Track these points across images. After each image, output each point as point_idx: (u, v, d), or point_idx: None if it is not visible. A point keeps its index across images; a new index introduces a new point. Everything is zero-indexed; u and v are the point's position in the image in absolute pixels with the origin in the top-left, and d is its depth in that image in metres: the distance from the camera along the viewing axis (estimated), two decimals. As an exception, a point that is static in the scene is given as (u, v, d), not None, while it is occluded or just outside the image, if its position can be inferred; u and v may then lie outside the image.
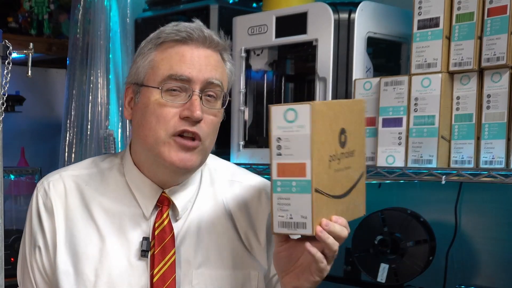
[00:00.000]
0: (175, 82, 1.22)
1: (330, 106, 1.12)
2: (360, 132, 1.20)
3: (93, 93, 2.63)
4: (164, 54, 1.24)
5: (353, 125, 1.17)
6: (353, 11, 1.76)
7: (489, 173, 1.50)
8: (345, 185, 1.15)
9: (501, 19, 1.50)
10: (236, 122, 2.01)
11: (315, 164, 1.05)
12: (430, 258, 1.80)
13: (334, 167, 1.10)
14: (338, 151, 1.11)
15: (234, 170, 1.43)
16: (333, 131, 1.10)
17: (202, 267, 1.29)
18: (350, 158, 1.16)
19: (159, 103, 1.22)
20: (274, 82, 2.01)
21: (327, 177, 1.09)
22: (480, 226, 1.96)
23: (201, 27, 1.25)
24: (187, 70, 1.22)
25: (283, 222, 1.09)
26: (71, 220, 1.29)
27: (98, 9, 2.60)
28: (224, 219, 1.33)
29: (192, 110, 1.20)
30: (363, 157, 1.22)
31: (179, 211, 1.30)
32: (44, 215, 1.30)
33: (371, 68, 1.83)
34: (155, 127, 1.22)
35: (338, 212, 1.13)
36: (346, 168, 1.15)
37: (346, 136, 1.14)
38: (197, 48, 1.24)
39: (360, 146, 1.20)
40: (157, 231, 1.27)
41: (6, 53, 1.19)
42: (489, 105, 1.53)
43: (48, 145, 3.23)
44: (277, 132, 1.07)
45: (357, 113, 1.20)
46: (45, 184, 1.33)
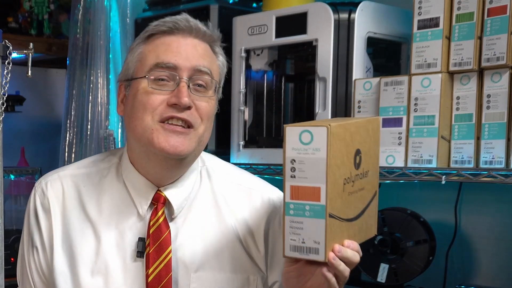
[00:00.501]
0: (162, 70, 1.20)
1: (346, 127, 1.06)
2: (374, 151, 1.17)
3: (93, 93, 2.63)
4: (151, 45, 1.24)
5: (367, 144, 1.13)
6: (353, 11, 1.76)
7: (489, 173, 1.50)
8: (358, 207, 1.12)
9: (501, 19, 1.50)
10: (236, 122, 2.01)
11: (330, 189, 1.02)
12: (430, 258, 1.80)
13: (348, 190, 1.07)
14: (353, 173, 1.08)
15: (233, 171, 1.41)
16: (349, 153, 1.07)
17: (200, 270, 1.27)
18: (364, 179, 1.13)
19: (146, 91, 1.20)
20: (274, 82, 2.01)
21: (341, 201, 1.06)
22: (480, 226, 1.96)
23: (187, 18, 1.25)
24: (173, 58, 1.20)
25: (295, 246, 1.06)
26: (68, 221, 1.28)
27: (98, 9, 2.60)
28: (224, 220, 1.31)
29: (179, 96, 1.18)
30: (376, 176, 1.18)
31: (175, 209, 1.27)
32: (41, 215, 1.29)
33: (371, 68, 1.83)
34: (142, 115, 1.20)
35: (350, 235, 1.10)
36: (359, 189, 1.12)
37: (361, 157, 1.10)
38: (184, 37, 1.23)
39: (374, 165, 1.17)
40: (152, 229, 1.25)
41: (6, 53, 1.19)
42: (489, 105, 1.53)
43: (48, 145, 3.23)
44: (291, 153, 1.04)
45: (372, 132, 1.16)
46: (42, 184, 1.32)
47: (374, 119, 1.19)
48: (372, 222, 1.19)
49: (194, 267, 1.26)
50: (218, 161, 1.41)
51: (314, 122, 1.09)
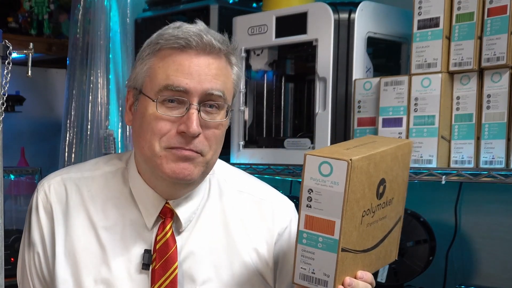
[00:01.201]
0: (171, 93, 1.14)
1: (371, 158, 1.02)
2: (403, 177, 1.13)
3: (93, 93, 2.63)
4: (161, 62, 1.16)
5: (395, 172, 1.09)
6: (353, 11, 1.76)
7: (489, 173, 1.50)
8: (377, 236, 1.10)
9: (501, 19, 1.50)
10: (236, 122, 2.01)
11: (345, 223, 0.99)
12: (430, 258, 1.80)
13: (366, 221, 1.05)
14: (374, 203, 1.05)
15: (244, 180, 1.35)
16: (371, 184, 1.03)
17: (206, 284, 1.23)
18: (387, 207, 1.10)
19: (155, 116, 1.14)
20: (274, 82, 2.01)
21: (357, 234, 1.04)
22: (480, 226, 1.96)
23: (201, 33, 1.15)
24: (184, 81, 1.13)
25: (305, 275, 1.05)
26: (71, 227, 1.24)
27: (98, 9, 2.60)
28: (231, 233, 1.27)
29: (188, 125, 1.12)
30: (402, 202, 1.15)
31: (183, 223, 1.23)
32: (43, 220, 1.25)
33: (371, 68, 1.83)
34: (150, 140, 1.15)
35: (365, 265, 1.08)
36: (380, 219, 1.09)
37: (386, 186, 1.07)
38: (196, 56, 1.15)
39: (401, 191, 1.13)
40: (159, 244, 1.21)
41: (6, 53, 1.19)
42: (489, 105, 1.53)
43: (48, 145, 3.23)
44: (309, 183, 1.01)
45: (402, 157, 1.11)
46: (45, 186, 1.27)
47: (405, 144, 1.13)
48: (392, 248, 1.16)
49: (200, 280, 1.23)
50: (229, 169, 1.36)
51: (336, 150, 1.02)
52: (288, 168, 1.87)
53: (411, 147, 1.15)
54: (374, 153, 1.02)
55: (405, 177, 1.13)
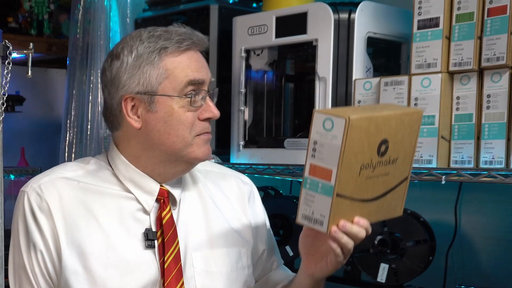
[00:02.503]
0: (194, 86, 1.30)
1: (371, 119, 1.15)
2: (409, 141, 1.24)
3: (93, 93, 2.63)
4: (175, 62, 1.30)
5: (400, 135, 1.21)
6: (353, 11, 1.76)
7: (489, 173, 1.50)
8: (378, 190, 1.23)
9: (501, 19, 1.50)
10: (236, 122, 2.01)
11: (340, 172, 1.13)
12: (430, 258, 1.80)
13: (365, 174, 1.17)
14: (374, 160, 1.18)
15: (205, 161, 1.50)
16: (372, 142, 1.16)
17: (200, 250, 1.36)
18: (390, 165, 1.21)
19: (183, 110, 1.29)
20: (274, 82, 2.01)
21: (354, 184, 1.17)
22: (480, 226, 1.96)
23: (194, 31, 1.33)
24: (201, 74, 1.31)
25: (306, 215, 1.19)
26: (70, 220, 1.29)
27: (98, 9, 2.60)
28: (210, 205, 1.42)
29: (213, 111, 1.32)
30: (408, 164, 1.26)
31: (177, 201, 1.37)
32: (41, 218, 1.28)
33: (371, 68, 1.83)
34: (183, 132, 1.30)
35: (364, 213, 1.22)
36: (382, 174, 1.21)
37: (388, 146, 1.18)
38: (196, 52, 1.33)
39: (407, 154, 1.25)
40: (164, 220, 1.32)
41: (6, 53, 1.19)
42: (489, 105, 1.53)
43: (48, 145, 3.23)
44: (315, 136, 1.14)
45: (409, 123, 1.22)
46: (35, 187, 1.31)
47: (413, 111, 1.25)
48: (397, 203, 1.29)
49: (193, 247, 1.36)
50: None
51: (342, 109, 1.16)
52: (288, 168, 1.87)
53: (420, 115, 1.25)
54: (377, 115, 1.16)
55: (413, 141, 1.25)
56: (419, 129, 1.26)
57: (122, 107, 1.31)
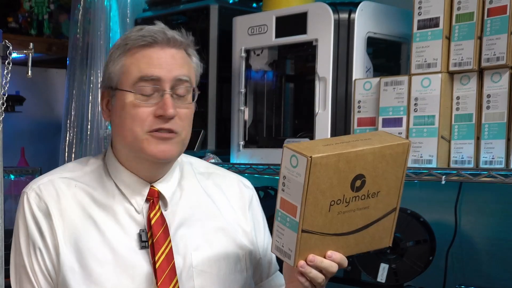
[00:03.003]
0: (146, 83, 1.29)
1: (342, 156, 1.14)
2: (394, 173, 1.21)
3: (93, 93, 2.63)
4: (133, 58, 1.31)
5: (380, 168, 1.19)
6: (353, 11, 1.76)
7: (489, 173, 1.50)
8: (357, 223, 1.22)
9: (501, 19, 1.50)
10: (236, 122, 2.01)
11: (305, 210, 1.14)
12: (430, 258, 1.80)
13: (337, 210, 1.18)
14: (348, 195, 1.17)
15: (208, 164, 1.57)
16: (343, 178, 1.15)
17: (199, 249, 1.37)
18: (369, 199, 1.20)
19: (133, 105, 1.29)
20: (274, 82, 2.01)
21: (324, 219, 1.17)
22: (480, 226, 1.96)
23: (164, 29, 1.32)
24: (155, 71, 1.29)
25: (277, 247, 1.22)
26: (68, 219, 1.32)
27: (98, 9, 2.60)
28: (210, 206, 1.43)
29: (165, 109, 1.28)
30: (394, 195, 1.24)
31: (168, 201, 1.37)
32: (40, 218, 1.32)
33: (371, 68, 1.83)
34: (132, 126, 1.29)
35: (340, 246, 1.22)
36: (360, 208, 1.20)
37: (365, 180, 1.18)
38: (162, 49, 1.31)
39: (391, 186, 1.22)
40: (153, 221, 1.34)
41: (6, 53, 1.19)
42: (489, 105, 1.53)
43: (48, 145, 3.23)
44: (284, 171, 1.17)
45: (392, 156, 1.19)
46: (35, 188, 1.35)
47: (397, 144, 1.20)
48: (384, 235, 1.27)
49: (193, 247, 1.36)
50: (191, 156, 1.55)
51: (313, 145, 1.16)
52: (288, 168, 1.87)
53: (407, 146, 1.21)
54: (347, 152, 1.14)
55: (399, 173, 1.22)
56: (407, 160, 1.22)
57: (101, 99, 1.39)
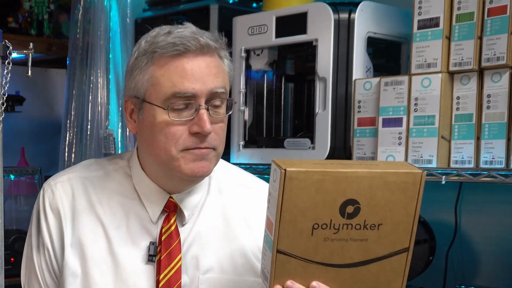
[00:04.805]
0: (180, 99, 1.19)
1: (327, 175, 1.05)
2: (403, 207, 1.10)
3: (93, 93, 2.63)
4: (163, 69, 1.19)
5: (381, 197, 1.08)
6: (353, 11, 1.76)
7: (489, 173, 1.50)
8: (352, 256, 1.11)
9: (501, 19, 1.50)
10: (236, 122, 2.01)
11: (280, 227, 1.06)
12: (430, 258, 1.80)
13: (324, 235, 1.08)
14: (336, 221, 1.08)
15: (241, 175, 1.42)
16: (330, 200, 1.07)
17: (209, 272, 1.28)
18: (368, 231, 1.09)
19: (166, 123, 1.19)
20: (274, 82, 2.01)
21: (306, 243, 1.08)
22: (480, 226, 1.96)
23: (196, 36, 1.20)
24: (190, 86, 1.18)
25: (262, 270, 1.15)
26: (78, 221, 1.28)
27: (98, 9, 2.60)
28: (232, 226, 1.32)
29: (202, 126, 1.18)
30: (406, 233, 1.11)
31: (186, 216, 1.29)
32: (50, 215, 1.29)
33: (371, 68, 1.83)
34: (165, 145, 1.20)
35: (331, 279, 1.12)
36: (355, 239, 1.10)
37: (360, 207, 1.08)
38: (195, 58, 1.19)
39: (400, 221, 1.10)
40: (164, 236, 1.26)
41: (6, 53, 1.19)
42: (489, 105, 1.53)
43: (48, 145, 3.22)
44: (269, 186, 1.10)
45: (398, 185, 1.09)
46: (52, 184, 1.32)
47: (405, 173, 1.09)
48: (391, 277, 1.14)
49: (203, 269, 1.28)
50: (225, 164, 1.42)
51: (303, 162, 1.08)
52: (288, 168, 1.87)
53: (419, 178, 1.10)
54: (335, 171, 1.06)
55: (409, 208, 1.10)
56: (420, 193, 1.10)
57: (125, 108, 1.29)
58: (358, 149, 1.76)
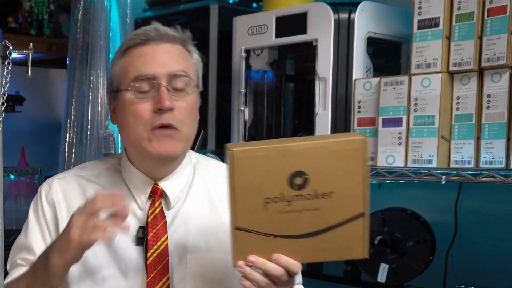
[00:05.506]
0: (142, 82, 1.30)
1: (271, 150, 1.11)
2: (352, 173, 1.12)
3: (93, 93, 2.63)
4: (129, 58, 1.33)
5: (327, 166, 1.11)
6: (353, 11, 1.76)
7: (489, 173, 1.50)
8: (308, 226, 1.14)
9: (501, 19, 1.50)
10: (236, 122, 2.01)
11: (236, 205, 1.13)
12: (430, 258, 1.80)
13: (276, 208, 1.13)
14: (288, 193, 1.12)
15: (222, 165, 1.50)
16: (278, 175, 1.11)
17: (197, 251, 1.37)
18: (319, 200, 1.12)
19: (131, 102, 1.30)
20: (274, 82, 2.01)
21: (261, 218, 1.13)
22: (480, 226, 1.96)
23: (156, 26, 1.33)
24: (150, 68, 1.30)
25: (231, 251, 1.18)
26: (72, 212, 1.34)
27: (98, 9, 2.61)
28: (215, 208, 1.42)
29: (161, 101, 1.27)
30: (358, 199, 1.13)
31: (171, 200, 1.38)
32: (46, 207, 1.39)
33: (371, 68, 1.83)
34: (134, 126, 1.30)
35: (292, 251, 1.15)
36: (309, 209, 1.13)
37: (308, 178, 1.11)
38: (156, 45, 1.32)
39: (350, 188, 1.13)
40: (150, 218, 1.36)
41: (6, 53, 1.19)
42: (489, 105, 1.53)
43: (48, 145, 3.23)
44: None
45: (344, 154, 1.11)
46: (49, 181, 1.44)
47: (348, 141, 1.12)
48: (351, 243, 1.16)
49: (191, 249, 1.37)
50: (208, 158, 1.55)
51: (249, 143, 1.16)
52: (288, 168, 1.87)
53: (362, 143, 1.11)
54: (279, 146, 1.12)
55: (357, 174, 1.12)
56: (365, 159, 1.12)
57: (109, 106, 1.41)
58: (358, 149, 1.76)
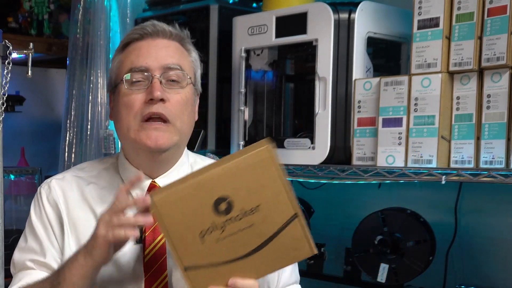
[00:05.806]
0: (135, 74, 1.32)
1: (188, 188, 1.11)
2: (269, 181, 1.13)
3: (93, 93, 2.63)
4: (125, 53, 1.36)
5: (245, 183, 1.12)
6: (353, 11, 1.76)
7: (489, 173, 1.50)
8: (249, 243, 1.15)
9: (501, 19, 1.50)
10: (236, 122, 2.01)
11: (175, 248, 1.14)
12: (430, 258, 1.80)
13: (213, 238, 1.13)
14: (218, 221, 1.13)
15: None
16: (202, 207, 1.12)
17: None
18: (250, 216, 1.13)
19: (124, 93, 1.33)
20: (274, 82, 2.01)
21: (203, 251, 1.14)
22: (480, 226, 1.96)
23: (153, 22, 1.36)
24: (143, 61, 1.32)
25: None
26: (73, 211, 1.39)
27: (98, 9, 2.60)
28: None
29: (152, 91, 1.29)
30: (284, 203, 1.14)
31: None
32: (48, 209, 1.40)
33: (371, 68, 1.83)
34: (126, 116, 1.33)
35: (246, 271, 1.16)
36: (243, 229, 1.14)
37: (231, 201, 1.12)
38: (153, 40, 1.35)
39: (273, 195, 1.14)
40: None
41: (6, 53, 1.20)
42: (489, 105, 1.53)
43: (48, 145, 3.23)
44: None
45: (257, 166, 1.12)
46: (48, 182, 1.44)
47: (255, 153, 1.12)
48: (297, 245, 1.17)
49: None
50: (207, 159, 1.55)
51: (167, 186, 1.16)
52: (288, 168, 1.87)
53: (266, 154, 1.13)
54: (193, 182, 1.12)
55: (274, 181, 1.13)
56: (275, 162, 1.13)
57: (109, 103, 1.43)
58: (358, 149, 1.76)
